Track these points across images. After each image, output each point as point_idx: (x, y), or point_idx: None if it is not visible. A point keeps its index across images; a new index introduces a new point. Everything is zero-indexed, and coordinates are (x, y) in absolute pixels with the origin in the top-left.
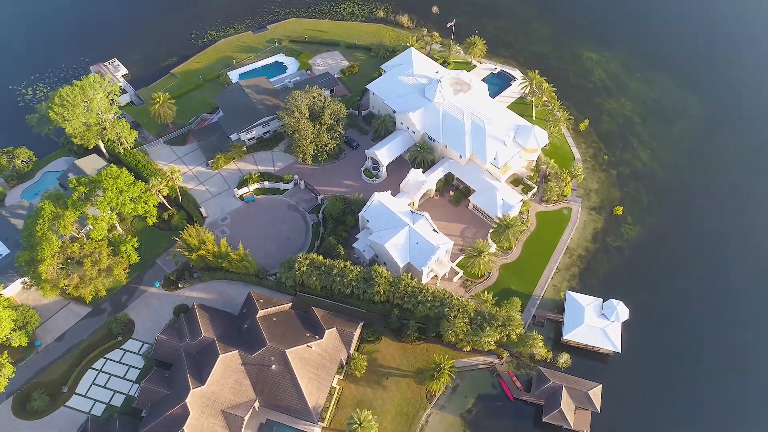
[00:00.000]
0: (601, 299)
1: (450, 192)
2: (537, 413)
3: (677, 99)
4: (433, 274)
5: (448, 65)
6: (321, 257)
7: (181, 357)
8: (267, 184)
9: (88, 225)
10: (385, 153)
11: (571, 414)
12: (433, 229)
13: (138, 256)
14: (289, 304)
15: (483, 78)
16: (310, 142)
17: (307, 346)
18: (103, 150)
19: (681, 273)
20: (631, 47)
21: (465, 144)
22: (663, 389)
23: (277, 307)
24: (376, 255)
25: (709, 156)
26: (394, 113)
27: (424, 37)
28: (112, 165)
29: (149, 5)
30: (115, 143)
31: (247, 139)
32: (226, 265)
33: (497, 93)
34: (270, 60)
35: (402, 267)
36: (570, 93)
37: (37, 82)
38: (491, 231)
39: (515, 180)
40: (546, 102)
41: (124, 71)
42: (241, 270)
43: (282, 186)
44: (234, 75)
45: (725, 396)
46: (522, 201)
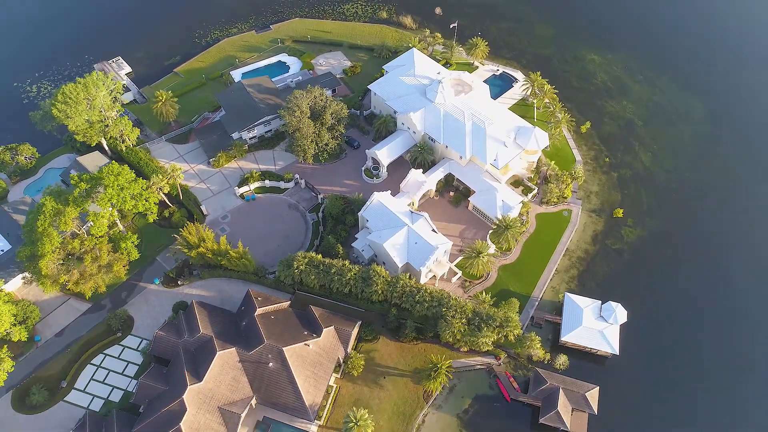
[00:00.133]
0: (600, 301)
1: (450, 193)
2: (534, 414)
3: (679, 102)
4: (432, 274)
5: (450, 66)
6: (320, 256)
7: (179, 353)
8: (268, 182)
9: (89, 221)
10: (386, 153)
11: (568, 416)
12: (432, 230)
13: (138, 252)
14: (288, 302)
15: (485, 79)
16: (311, 141)
17: (305, 344)
18: (106, 147)
19: (680, 276)
20: (634, 50)
21: (465, 145)
22: (661, 392)
23: (276, 305)
24: (375, 254)
25: (711, 159)
26: (395, 113)
27: (426, 38)
28: (113, 162)
29: (154, 4)
30: (118, 141)
31: (249, 138)
32: (225, 263)
33: (499, 94)
34: (273, 59)
35: (401, 267)
36: (572, 95)
37: (42, 79)
38: (491, 232)
39: (515, 181)
40: (547, 104)
41: (127, 69)
42: (240, 268)
43: (282, 185)
44: (237, 74)
45: (723, 400)
46: (522, 202)
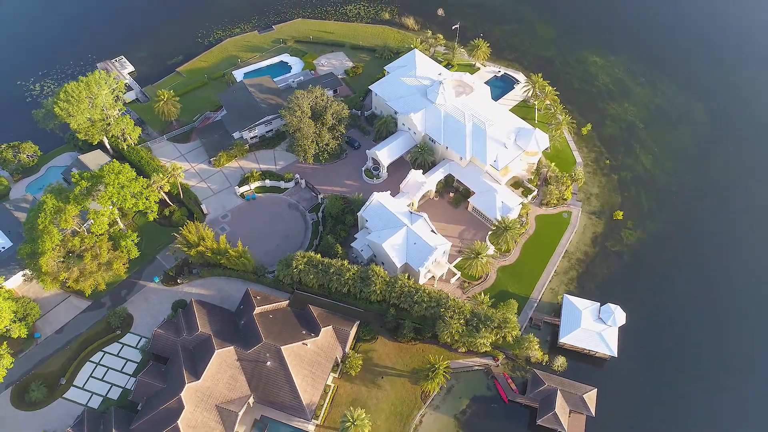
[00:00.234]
0: (599, 303)
1: (450, 193)
2: (531, 416)
3: (681, 104)
4: (431, 275)
5: (451, 67)
6: (319, 256)
7: (178, 351)
8: (268, 182)
9: (89, 219)
10: (386, 153)
11: (566, 417)
12: (432, 230)
13: (138, 251)
14: (286, 301)
15: (486, 81)
16: (311, 141)
17: (303, 343)
18: (107, 146)
19: (680, 279)
20: (636, 52)
21: (466, 146)
22: (659, 395)
23: (274, 305)
24: (374, 254)
25: (712, 162)
26: (396, 114)
27: (428, 39)
28: (114, 160)
29: (157, 4)
30: (119, 139)
31: (250, 138)
32: (224, 262)
33: (500, 96)
34: (275, 60)
35: (399, 267)
36: (573, 97)
37: (45, 78)
38: (490, 233)
39: (515, 183)
40: (549, 105)
41: (130, 69)
42: (240, 267)
43: (283, 185)
44: (239, 74)
45: (722, 403)
46: (521, 204)
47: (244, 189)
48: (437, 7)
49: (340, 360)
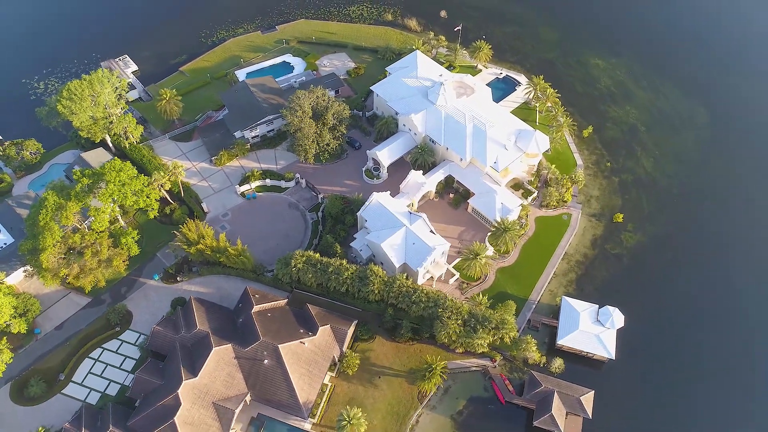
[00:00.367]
0: (597, 305)
1: (450, 194)
2: (528, 417)
3: (683, 108)
4: (430, 275)
5: (453, 69)
6: (318, 255)
7: (176, 349)
8: (269, 181)
9: (90, 216)
10: (387, 154)
11: (562, 419)
12: (431, 231)
13: (138, 248)
14: (285, 300)
15: (488, 83)
16: (312, 141)
17: (300, 342)
18: (110, 144)
19: (679, 282)
20: (639, 55)
21: (466, 147)
22: (656, 397)
23: (273, 303)
24: (373, 254)
25: (714, 166)
26: (396, 115)
27: (430, 41)
28: (115, 158)
29: (162, 4)
30: (122, 137)
31: (251, 137)
32: (224, 260)
33: (502, 98)
34: (277, 60)
35: (398, 267)
36: (575, 100)
37: (49, 76)
38: (489, 234)
39: (516, 184)
40: (550, 108)
41: (134, 68)
42: (239, 265)
43: (283, 184)
44: (241, 74)
45: (720, 407)
46: (521, 205)
47: (244, 188)
48: (440, 9)
49: (337, 359)
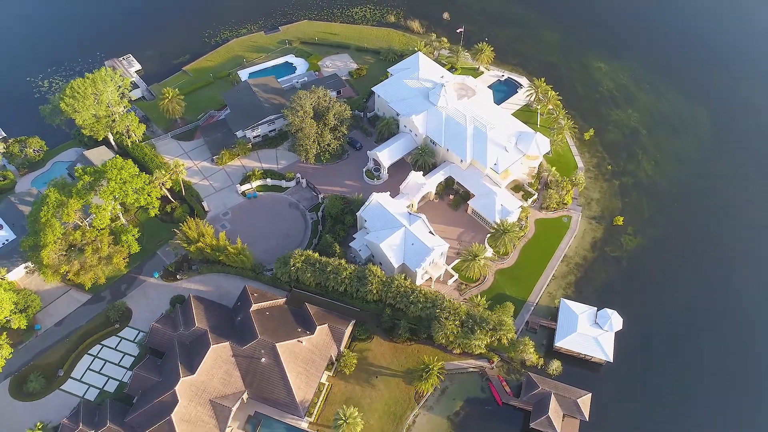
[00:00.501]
0: (596, 308)
1: (450, 196)
2: (525, 419)
3: (685, 112)
4: (428, 276)
5: (455, 71)
6: (317, 254)
7: (174, 346)
8: (269, 181)
9: (91, 214)
10: (387, 155)
11: (559, 421)
12: (430, 231)
13: (139, 246)
14: (284, 299)
15: (490, 85)
16: (313, 141)
17: (298, 340)
18: (112, 142)
19: (679, 286)
20: (641, 59)
21: (466, 148)
22: (653, 401)
23: (271, 302)
24: (372, 254)
25: (715, 170)
26: (397, 116)
27: (432, 43)
28: (117, 156)
29: (166, 4)
30: (124, 136)
31: (253, 137)
32: (223, 259)
33: (503, 100)
34: (280, 60)
35: (397, 267)
36: (577, 102)
37: (54, 74)
38: (489, 236)
39: (516, 186)
40: (551, 110)
41: (137, 67)
42: (238, 264)
43: (284, 184)
44: (244, 74)
45: (717, 412)
46: (521, 207)
47: (245, 187)
48: (443, 11)
49: (334, 358)
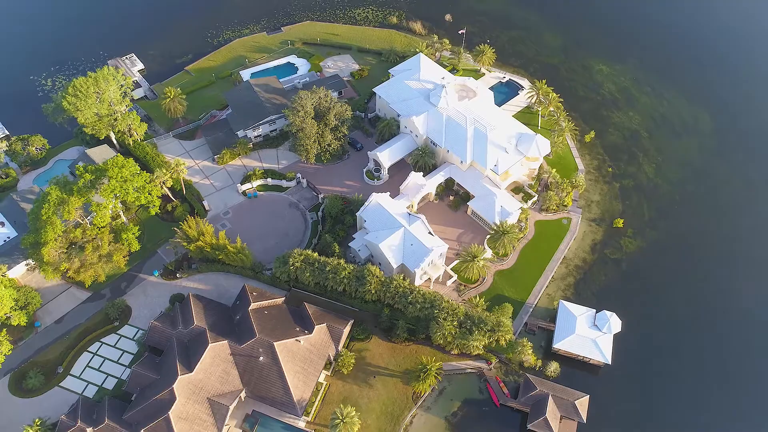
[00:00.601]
0: (594, 310)
1: (450, 196)
2: (523, 420)
3: (687, 114)
4: (427, 276)
5: (456, 72)
6: (316, 254)
7: (173, 344)
8: (270, 181)
9: (92, 212)
10: (387, 155)
11: (556, 423)
12: (429, 232)
13: (139, 244)
14: (282, 298)
15: (491, 86)
16: (313, 141)
17: (296, 340)
18: (114, 141)
19: (678, 289)
20: (644, 61)
21: (466, 150)
22: (651, 404)
23: (270, 301)
24: (371, 255)
25: (716, 173)
26: (398, 117)
27: (434, 44)
28: (118, 155)
29: (169, 4)
30: (126, 135)
31: (254, 137)
32: (222, 258)
33: (504, 101)
34: (282, 61)
35: (395, 267)
36: (578, 105)
37: (57, 73)
38: (488, 237)
39: (516, 188)
40: (552, 112)
41: (140, 66)
42: (238, 263)
43: (284, 183)
44: (246, 74)
45: (715, 416)
46: (521, 209)
47: (246, 187)
48: (445, 13)
49: (332, 358)
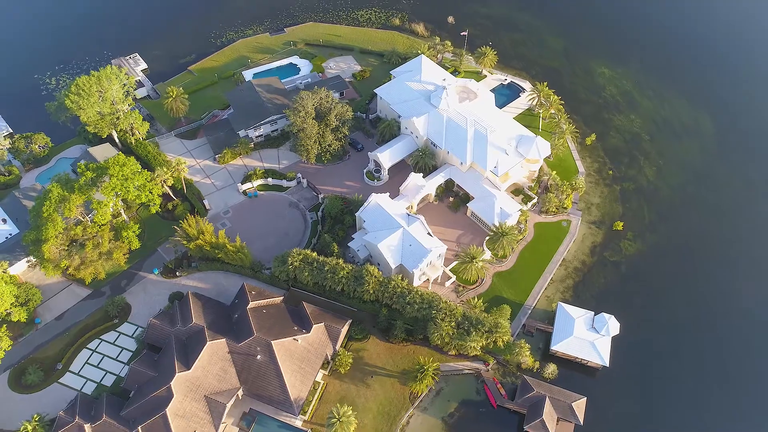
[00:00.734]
0: (593, 312)
1: (450, 198)
2: (520, 422)
3: (688, 118)
4: (426, 277)
5: (458, 74)
6: (315, 254)
7: (171, 341)
8: (271, 180)
9: (93, 210)
10: (388, 156)
11: (553, 425)
12: (428, 233)
13: (139, 242)
14: (281, 297)
15: (493, 88)
16: (314, 141)
17: (293, 339)
18: (116, 139)
19: (677, 292)
20: (646, 65)
21: (466, 151)
22: (649, 406)
23: (269, 300)
24: (370, 255)
25: (717, 176)
26: (399, 118)
27: (436, 46)
28: (120, 153)
29: (173, 5)
30: (128, 133)
31: (255, 137)
32: (222, 256)
33: (506, 104)
34: (284, 61)
35: (394, 268)
36: (579, 107)
37: (61, 72)
38: (487, 238)
39: (516, 190)
40: (553, 114)
41: (144, 66)
42: (237, 262)
43: (285, 183)
44: (248, 74)
45: (713, 420)
46: (520, 211)
47: (246, 186)
48: (448, 15)
49: (330, 357)
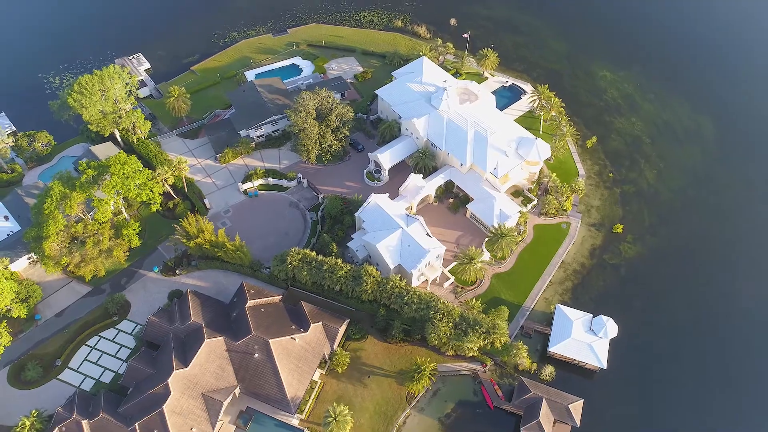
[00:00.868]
0: (591, 315)
1: (449, 199)
2: (516, 423)
3: (690, 121)
4: (424, 277)
5: (459, 76)
6: (313, 253)
7: (169, 339)
8: (271, 180)
9: (94, 207)
10: (388, 157)
11: (550, 426)
12: (427, 234)
13: (139, 240)
14: (279, 296)
15: (494, 90)
16: (314, 141)
17: (291, 337)
18: (118, 138)
19: (676, 296)
20: (648, 68)
21: (466, 152)
22: (646, 409)
23: (267, 299)
24: (369, 255)
25: (718, 180)
26: (400, 119)
27: (438, 48)
28: (121, 152)
29: (177, 5)
30: (130, 132)
31: (256, 136)
32: (221, 255)
33: (507, 106)
34: (286, 62)
35: (393, 268)
36: (580, 110)
37: (65, 71)
38: (486, 240)
39: (516, 191)
40: (554, 116)
41: (147, 65)
42: (236, 260)
43: (285, 183)
44: (250, 75)
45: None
46: (520, 212)
47: (247, 186)
48: (450, 17)
49: (327, 357)
